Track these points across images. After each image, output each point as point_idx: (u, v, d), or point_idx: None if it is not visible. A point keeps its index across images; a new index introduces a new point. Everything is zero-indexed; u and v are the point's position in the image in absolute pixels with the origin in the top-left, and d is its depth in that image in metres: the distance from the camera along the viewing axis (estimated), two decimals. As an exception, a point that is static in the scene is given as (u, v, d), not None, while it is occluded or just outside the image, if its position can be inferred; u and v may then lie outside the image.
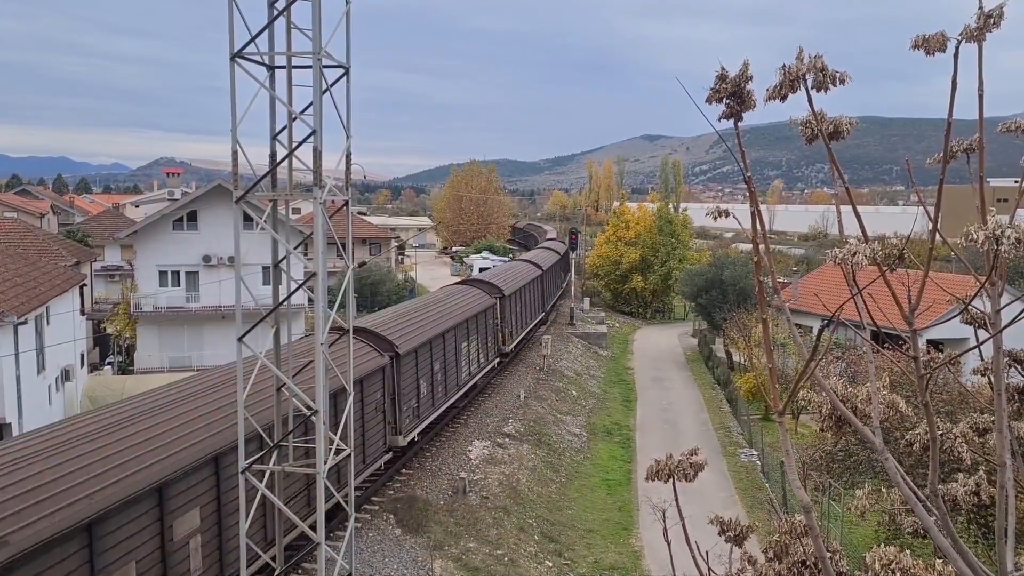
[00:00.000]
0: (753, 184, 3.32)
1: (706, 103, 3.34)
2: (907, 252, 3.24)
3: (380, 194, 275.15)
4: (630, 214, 77.28)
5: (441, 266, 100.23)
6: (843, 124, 3.34)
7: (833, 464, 24.26)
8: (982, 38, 3.16)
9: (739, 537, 3.82)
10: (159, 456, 14.09)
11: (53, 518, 11.46)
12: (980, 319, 3.94)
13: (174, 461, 14.20)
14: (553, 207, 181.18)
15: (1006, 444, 3.44)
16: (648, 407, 43.00)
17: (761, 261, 3.46)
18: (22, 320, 27.41)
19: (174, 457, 14.32)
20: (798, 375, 3.49)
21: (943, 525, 3.51)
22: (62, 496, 11.95)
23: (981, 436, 4.21)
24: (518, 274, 48.01)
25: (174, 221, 46.26)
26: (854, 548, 21.93)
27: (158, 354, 45.20)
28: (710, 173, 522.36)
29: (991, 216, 3.06)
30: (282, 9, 13.54)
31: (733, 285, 53.57)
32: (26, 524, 11.11)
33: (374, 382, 23.36)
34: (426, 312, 31.20)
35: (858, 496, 4.01)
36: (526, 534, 25.38)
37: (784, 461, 3.82)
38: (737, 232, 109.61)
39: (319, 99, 13.04)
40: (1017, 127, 3.54)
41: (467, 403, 35.04)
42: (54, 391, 33.09)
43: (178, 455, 14.41)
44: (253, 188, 14.07)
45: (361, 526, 22.19)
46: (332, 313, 14.34)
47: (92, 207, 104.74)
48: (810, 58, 3.18)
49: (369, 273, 58.81)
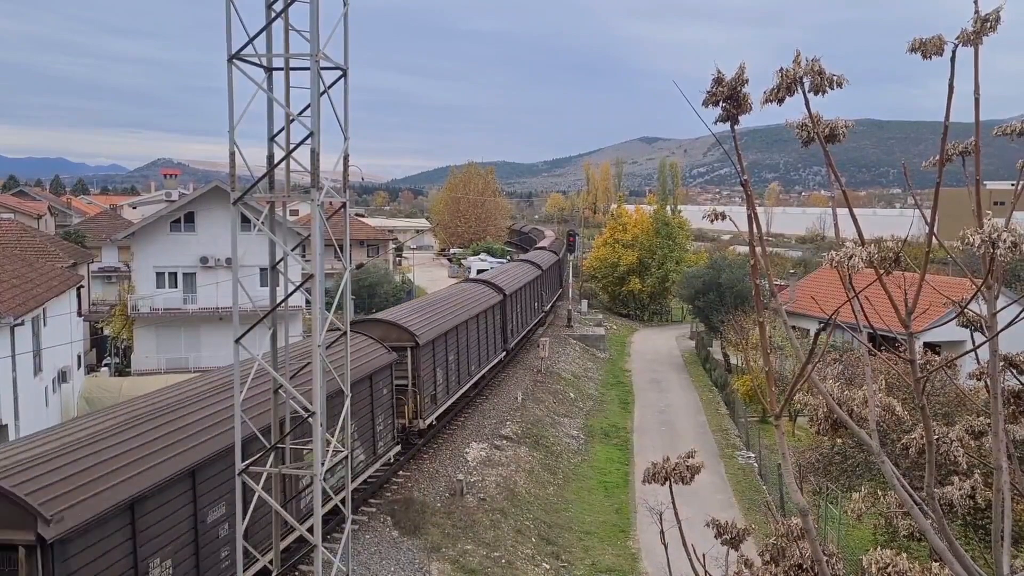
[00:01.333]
0: (750, 188, 3.32)
1: (703, 106, 3.34)
2: (904, 255, 3.24)
3: (378, 196, 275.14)
4: (627, 216, 77.32)
5: (439, 268, 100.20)
6: (839, 127, 3.35)
7: (830, 467, 24.26)
8: (979, 42, 3.17)
9: (736, 540, 3.82)
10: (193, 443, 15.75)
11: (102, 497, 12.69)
12: (976, 322, 3.94)
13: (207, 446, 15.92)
14: (551, 209, 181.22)
15: (1002, 447, 3.44)
16: (646, 409, 43.00)
17: (758, 264, 3.46)
18: (19, 321, 27.35)
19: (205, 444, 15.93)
20: (795, 378, 3.49)
21: (939, 528, 3.51)
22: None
23: (977, 439, 4.21)
24: (519, 274, 49.46)
25: (171, 222, 46.20)
26: (851, 551, 21.93)
27: (155, 356, 45.12)
28: (708, 175, 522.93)
29: (987, 219, 3.06)
30: (280, 11, 13.53)
31: (731, 287, 53.62)
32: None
33: (383, 375, 24.89)
34: (440, 307, 33.29)
35: (854, 499, 4.01)
36: (523, 536, 25.36)
37: (781, 464, 3.81)
38: (735, 234, 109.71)
39: (317, 101, 13.03)
40: (1013, 130, 3.54)
41: (476, 393, 37.17)
42: (51, 393, 33.02)
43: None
44: (251, 190, 14.06)
45: (358, 528, 22.16)
46: (330, 315, 14.32)
47: (89, 208, 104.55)
48: (807, 61, 3.19)
49: (367, 275, 58.76)
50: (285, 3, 13.47)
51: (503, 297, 40.97)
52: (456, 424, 33.56)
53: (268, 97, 13.98)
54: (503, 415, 35.96)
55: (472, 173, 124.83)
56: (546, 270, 57.26)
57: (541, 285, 54.51)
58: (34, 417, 28.71)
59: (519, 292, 45.50)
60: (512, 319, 42.99)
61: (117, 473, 13.43)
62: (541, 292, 54.66)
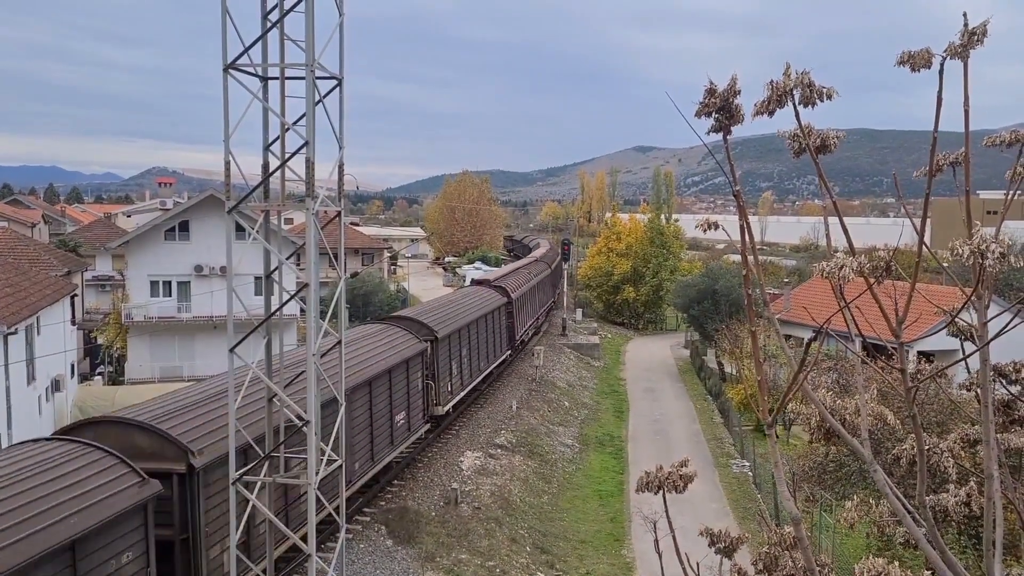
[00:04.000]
0: (742, 198, 3.35)
1: (696, 117, 3.37)
2: (895, 264, 3.27)
3: (373, 204, 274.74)
4: (621, 225, 77.44)
5: (434, 276, 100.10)
6: (830, 138, 3.37)
7: (824, 475, 24.29)
8: (966, 55, 3.20)
9: (729, 549, 3.82)
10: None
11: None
12: (967, 331, 3.96)
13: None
14: (546, 218, 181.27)
15: (993, 456, 3.46)
16: (640, 418, 42.98)
17: (750, 274, 3.48)
18: (12, 330, 27.27)
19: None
20: (787, 387, 3.51)
21: (932, 536, 3.52)
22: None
23: (971, 447, 4.23)
24: (521, 278, 52.49)
25: (166, 231, 46.13)
26: (846, 559, 21.94)
27: (149, 364, 44.99)
28: (702, 184, 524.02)
29: (976, 229, 3.09)
30: (276, 21, 13.57)
31: (725, 296, 53.67)
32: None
33: (416, 361, 28.14)
34: (455, 306, 36.70)
35: (847, 508, 4.03)
36: (518, 545, 25.30)
37: (774, 472, 3.82)
38: (729, 243, 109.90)
39: (312, 110, 13.06)
40: (1003, 141, 3.58)
41: (486, 386, 40.34)
42: (44, 401, 32.89)
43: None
44: (246, 199, 14.07)
45: (352, 537, 22.10)
46: (324, 323, 14.32)
47: (84, 216, 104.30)
48: (797, 73, 3.21)
49: (362, 283, 58.71)
50: (281, 13, 13.50)
51: (509, 300, 44.26)
52: (468, 414, 36.00)
53: (263, 107, 14.01)
54: (498, 424, 35.93)
55: (467, 182, 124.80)
56: (551, 270, 59.64)
57: (540, 287, 57.49)
58: (27, 426, 28.58)
59: (525, 295, 49.59)
60: (518, 318, 46.32)
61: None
62: (543, 291, 58.55)
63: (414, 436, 27.87)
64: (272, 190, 14.58)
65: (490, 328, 39.70)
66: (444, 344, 31.29)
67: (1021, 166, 3.52)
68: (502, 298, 43.68)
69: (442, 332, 31.10)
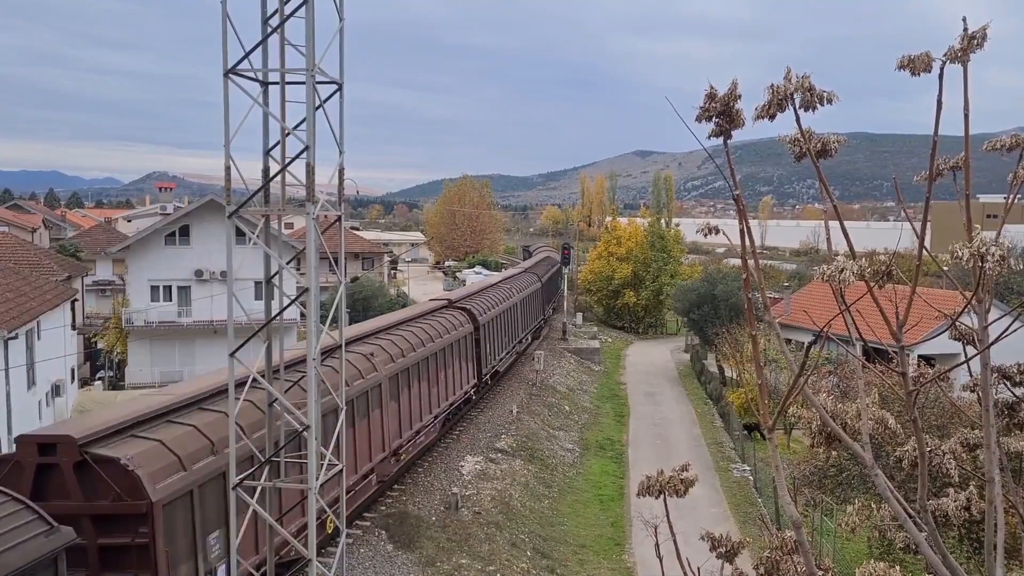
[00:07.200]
0: (742, 202, 3.35)
1: (696, 122, 3.37)
2: (895, 268, 3.27)
3: (373, 209, 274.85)
4: (621, 229, 77.47)
5: (434, 281, 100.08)
6: (831, 142, 3.38)
7: (825, 479, 24.26)
8: (966, 59, 3.21)
9: (730, 553, 3.82)
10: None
11: None
12: (968, 335, 3.96)
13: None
14: (546, 222, 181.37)
15: (994, 460, 3.46)
16: (641, 422, 42.95)
17: (750, 278, 3.48)
18: (12, 335, 27.27)
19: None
20: (788, 392, 3.51)
21: (933, 540, 3.52)
22: None
23: (972, 451, 4.23)
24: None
25: (166, 236, 46.17)
26: (847, 564, 21.90)
27: (149, 369, 45.00)
28: (702, 188, 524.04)
29: (976, 233, 3.09)
30: (276, 26, 13.58)
31: (725, 300, 53.63)
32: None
33: (465, 339, 33.72)
34: (496, 290, 42.37)
35: (848, 512, 4.02)
36: (518, 550, 25.26)
37: (775, 476, 3.82)
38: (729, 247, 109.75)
39: (312, 115, 13.06)
40: (1003, 145, 3.58)
41: (514, 362, 45.64)
42: (44, 406, 32.87)
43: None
44: (246, 203, 14.06)
45: (353, 542, 22.07)
46: (324, 328, 14.32)
47: (84, 221, 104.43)
48: (798, 78, 3.22)
49: (362, 288, 58.64)
50: (281, 18, 13.52)
51: (540, 284, 51.61)
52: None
53: (264, 112, 14.02)
54: (498, 428, 35.89)
55: (467, 186, 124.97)
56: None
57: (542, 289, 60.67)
58: (27, 431, 28.51)
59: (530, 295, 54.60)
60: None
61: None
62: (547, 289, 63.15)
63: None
64: (272, 195, 14.58)
65: (525, 311, 47.83)
66: (487, 328, 36.76)
67: (1022, 169, 3.53)
68: (538, 282, 49.77)
69: (484, 318, 36.42)
